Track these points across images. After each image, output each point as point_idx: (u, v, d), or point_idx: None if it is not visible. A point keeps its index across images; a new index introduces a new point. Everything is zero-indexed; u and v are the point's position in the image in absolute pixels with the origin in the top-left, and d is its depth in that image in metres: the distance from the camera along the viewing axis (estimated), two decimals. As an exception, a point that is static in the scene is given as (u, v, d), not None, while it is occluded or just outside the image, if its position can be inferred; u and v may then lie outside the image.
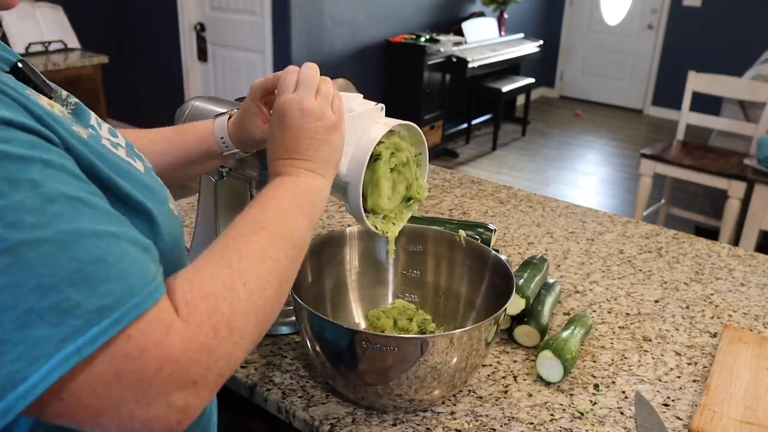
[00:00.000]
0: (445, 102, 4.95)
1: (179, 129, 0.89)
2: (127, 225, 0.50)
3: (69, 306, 0.42)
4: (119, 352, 0.44)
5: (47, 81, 0.61)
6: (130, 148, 0.65)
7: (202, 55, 4.45)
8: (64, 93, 0.65)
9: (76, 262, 0.43)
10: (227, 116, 0.86)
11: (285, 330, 1.01)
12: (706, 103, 3.54)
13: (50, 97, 0.58)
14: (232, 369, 0.52)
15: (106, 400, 0.44)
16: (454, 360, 0.79)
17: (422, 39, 4.69)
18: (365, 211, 0.81)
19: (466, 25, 5.10)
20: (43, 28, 3.80)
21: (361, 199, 0.78)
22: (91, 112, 0.66)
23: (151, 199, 0.57)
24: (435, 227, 1.06)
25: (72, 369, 0.42)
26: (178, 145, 0.88)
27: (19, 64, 0.56)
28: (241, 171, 0.98)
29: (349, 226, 1.12)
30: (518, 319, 1.02)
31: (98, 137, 0.59)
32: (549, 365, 0.92)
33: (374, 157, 0.80)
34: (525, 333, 1.00)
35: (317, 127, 0.70)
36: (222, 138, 0.86)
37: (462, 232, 1.01)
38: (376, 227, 0.84)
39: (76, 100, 0.66)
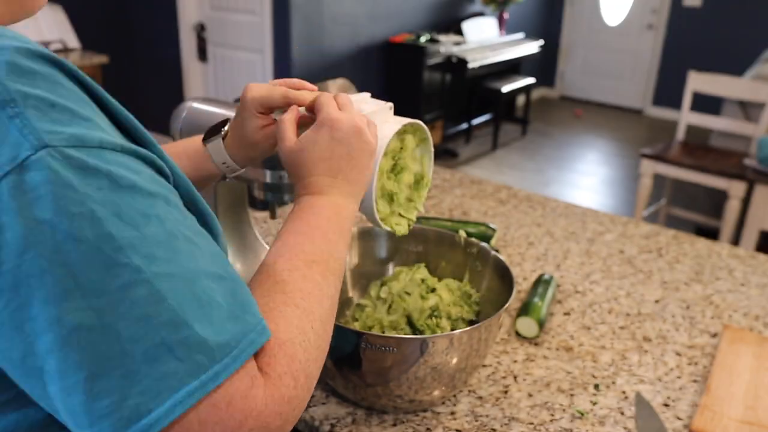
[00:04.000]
0: (445, 102, 4.95)
1: (170, 152, 0.79)
2: (226, 260, 0.50)
3: (196, 342, 0.42)
4: (207, 402, 0.43)
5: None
6: None
7: (202, 55, 4.45)
8: None
9: (199, 300, 0.44)
10: (220, 138, 0.76)
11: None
12: (706, 103, 3.54)
13: None
14: (301, 411, 0.50)
15: None
16: (454, 360, 0.79)
17: (422, 39, 4.69)
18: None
19: (466, 25, 5.10)
20: (43, 28, 3.80)
21: (374, 197, 0.78)
22: None
23: (210, 218, 0.56)
24: (435, 227, 1.06)
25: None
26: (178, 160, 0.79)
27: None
28: (243, 172, 0.98)
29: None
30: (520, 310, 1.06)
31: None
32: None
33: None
34: (526, 325, 1.04)
35: (364, 148, 0.67)
36: (224, 163, 0.77)
37: (462, 232, 1.01)
38: (386, 225, 0.84)
39: None
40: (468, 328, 0.79)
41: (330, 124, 0.66)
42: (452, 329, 0.92)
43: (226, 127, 0.77)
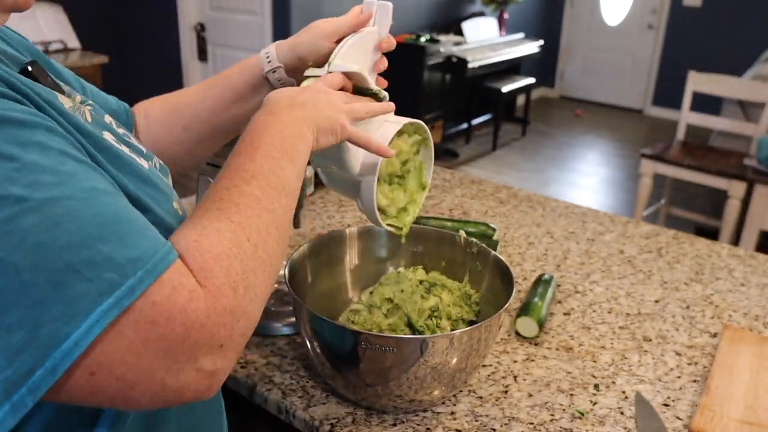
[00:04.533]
0: (445, 102, 4.95)
1: (225, 71, 0.89)
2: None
3: (102, 260, 0.42)
4: (145, 319, 0.43)
5: (59, 83, 0.60)
6: (138, 149, 0.64)
7: (202, 55, 4.45)
8: (78, 96, 0.63)
9: (100, 217, 0.43)
10: (275, 44, 0.85)
11: (285, 331, 1.01)
12: (706, 103, 3.54)
13: None
14: (252, 327, 0.51)
15: (137, 370, 0.44)
16: (454, 360, 0.79)
17: (422, 39, 4.69)
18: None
19: (466, 25, 5.10)
20: (43, 28, 3.80)
21: (375, 196, 0.78)
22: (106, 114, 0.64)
23: (153, 197, 0.56)
24: (435, 227, 1.06)
25: (103, 337, 0.42)
26: (223, 80, 0.86)
27: (29, 68, 0.55)
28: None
29: (349, 226, 1.12)
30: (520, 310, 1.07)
31: (101, 133, 0.58)
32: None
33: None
34: (525, 324, 1.04)
35: (334, 101, 0.70)
36: (267, 53, 0.84)
37: (462, 232, 1.01)
38: (389, 225, 0.84)
39: (92, 103, 0.63)
40: (468, 328, 0.79)
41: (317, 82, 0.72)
42: (452, 329, 0.92)
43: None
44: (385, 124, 0.79)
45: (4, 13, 0.56)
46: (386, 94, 0.80)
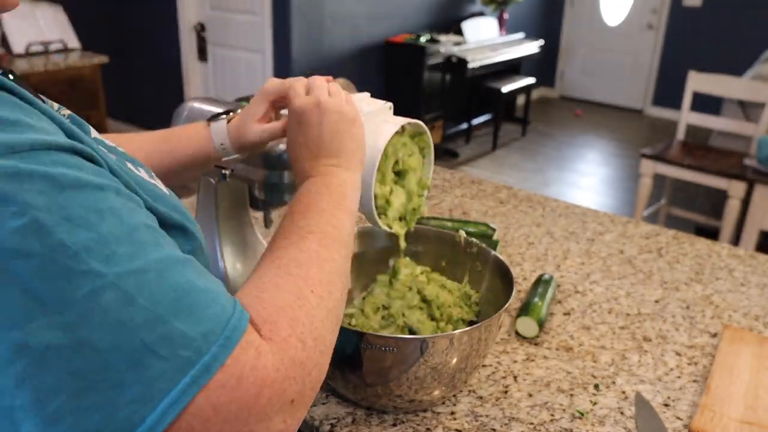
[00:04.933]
0: (445, 102, 4.95)
1: (171, 135, 0.83)
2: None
3: (177, 336, 0.40)
4: (215, 385, 0.41)
5: (35, 92, 0.56)
6: (148, 170, 0.63)
7: (202, 55, 4.45)
8: (56, 105, 0.60)
9: (173, 291, 0.41)
10: (225, 120, 0.81)
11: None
12: (706, 103, 3.54)
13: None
14: (321, 380, 0.50)
15: None
16: (454, 360, 0.79)
17: (422, 39, 4.69)
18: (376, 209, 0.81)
19: (466, 25, 5.10)
20: (43, 28, 3.80)
21: (373, 197, 0.78)
22: (89, 126, 0.60)
23: (183, 216, 0.56)
24: (435, 227, 1.06)
25: (178, 416, 0.40)
26: (171, 153, 0.82)
27: (10, 75, 0.51)
28: (243, 172, 0.98)
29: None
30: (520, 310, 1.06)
31: (122, 160, 0.56)
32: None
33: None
34: (525, 324, 1.04)
35: (337, 120, 0.69)
36: (222, 144, 0.81)
37: (462, 232, 1.01)
38: (388, 226, 0.84)
39: (69, 111, 0.60)
40: (468, 328, 0.79)
41: (295, 115, 0.70)
42: (453, 330, 0.92)
43: (231, 114, 0.83)
44: (384, 125, 0.79)
45: None
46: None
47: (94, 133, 0.61)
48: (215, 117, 0.83)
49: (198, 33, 4.40)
